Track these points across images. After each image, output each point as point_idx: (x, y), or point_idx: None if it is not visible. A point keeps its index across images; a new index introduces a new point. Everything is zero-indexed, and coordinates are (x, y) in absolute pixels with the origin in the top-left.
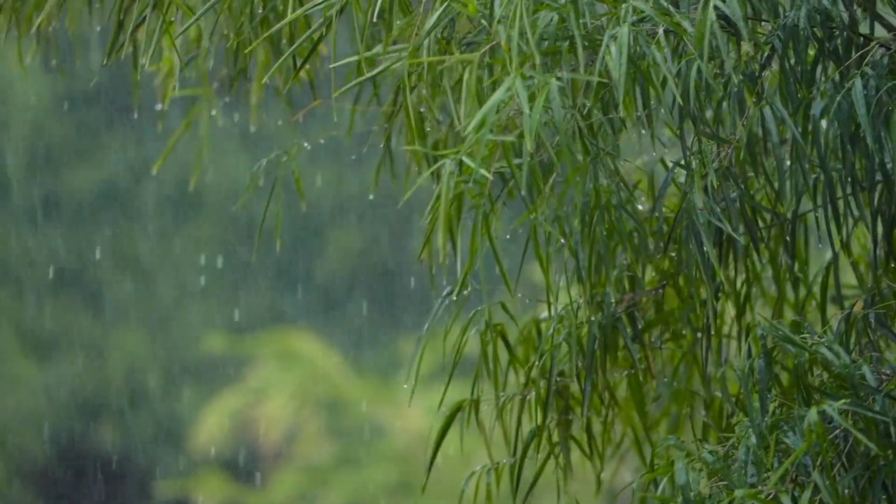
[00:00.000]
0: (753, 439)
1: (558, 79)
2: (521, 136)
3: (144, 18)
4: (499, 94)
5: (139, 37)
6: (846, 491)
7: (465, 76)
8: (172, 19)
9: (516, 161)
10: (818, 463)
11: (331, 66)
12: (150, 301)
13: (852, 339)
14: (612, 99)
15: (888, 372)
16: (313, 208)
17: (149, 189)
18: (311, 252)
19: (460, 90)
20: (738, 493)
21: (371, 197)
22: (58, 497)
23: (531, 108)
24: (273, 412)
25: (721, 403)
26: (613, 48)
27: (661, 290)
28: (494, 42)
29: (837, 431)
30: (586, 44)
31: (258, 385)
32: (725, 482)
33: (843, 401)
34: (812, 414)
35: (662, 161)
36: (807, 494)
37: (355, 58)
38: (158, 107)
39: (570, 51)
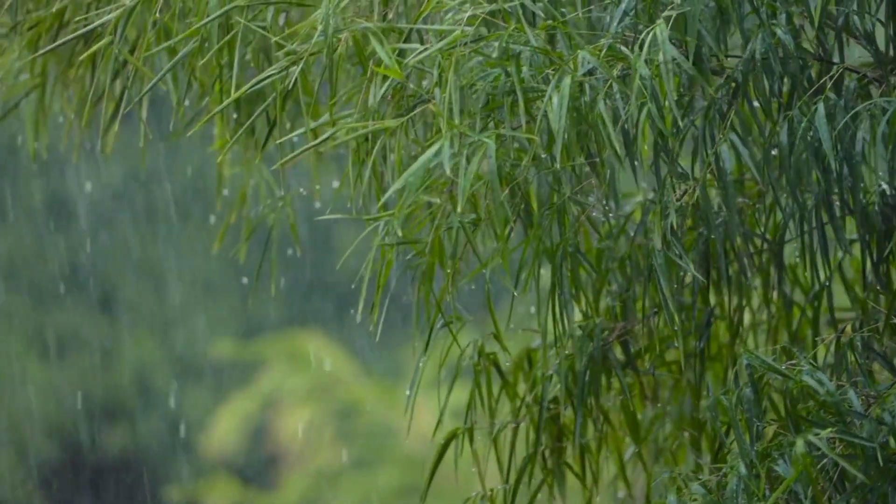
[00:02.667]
0: (743, 469)
1: (501, 135)
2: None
3: (117, 75)
4: (426, 157)
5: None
6: None
7: (387, 142)
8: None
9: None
10: (808, 493)
11: (276, 142)
12: (161, 303)
13: (842, 363)
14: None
15: (875, 394)
16: (324, 210)
17: (159, 192)
18: (321, 254)
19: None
20: None
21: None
22: (68, 500)
23: (467, 169)
24: (283, 415)
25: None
26: (555, 99)
27: (652, 318)
28: (425, 106)
29: (826, 460)
30: (535, 94)
31: (268, 388)
32: None
33: (829, 430)
34: (799, 445)
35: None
36: None
37: (301, 131)
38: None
39: (514, 107)
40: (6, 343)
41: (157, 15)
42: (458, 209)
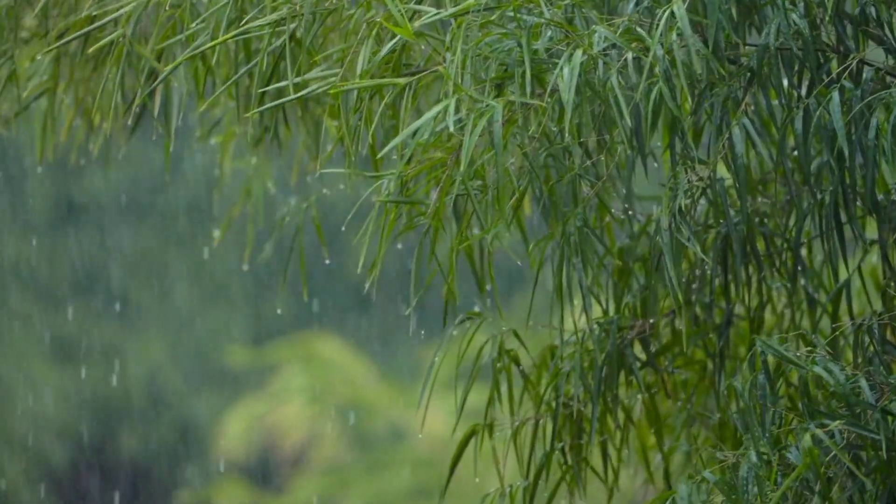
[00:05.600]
0: (754, 456)
1: (511, 103)
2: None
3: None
4: (430, 114)
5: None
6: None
7: (384, 100)
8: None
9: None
10: (817, 487)
11: (260, 90)
12: (172, 306)
13: (858, 353)
14: (589, 121)
15: (893, 382)
16: (336, 212)
17: (170, 195)
18: (334, 256)
19: (393, 115)
20: None
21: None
22: (79, 503)
23: (473, 131)
24: (295, 417)
25: (734, 427)
26: (566, 70)
27: (673, 315)
28: (435, 68)
29: (840, 448)
30: (548, 66)
31: (280, 390)
32: (724, 500)
33: (838, 422)
34: (806, 439)
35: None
36: None
37: (284, 83)
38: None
39: (524, 77)
40: (16, 346)
41: (170, 9)
42: (461, 168)
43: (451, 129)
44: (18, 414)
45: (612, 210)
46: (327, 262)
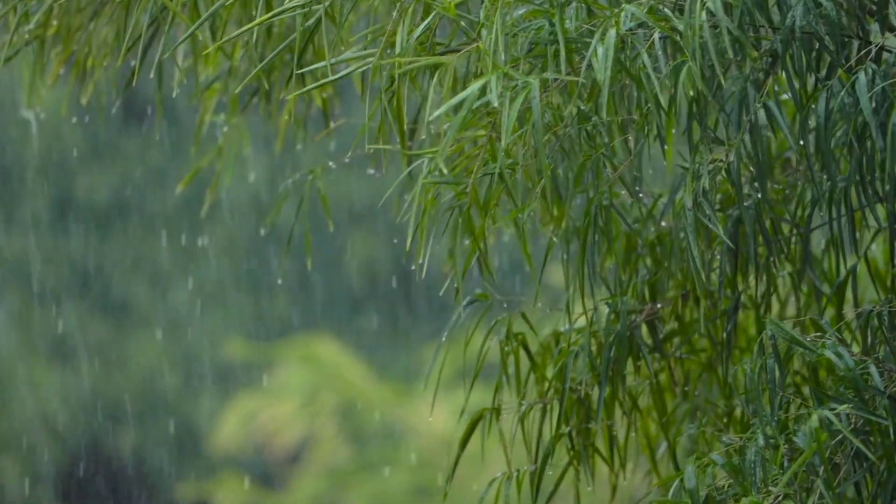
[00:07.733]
0: (761, 440)
1: (545, 80)
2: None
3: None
4: (470, 91)
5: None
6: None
7: (434, 80)
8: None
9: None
10: (821, 472)
11: (297, 71)
12: (170, 306)
13: (868, 339)
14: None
15: None
16: (335, 213)
17: (168, 194)
18: (332, 257)
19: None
20: (743, 501)
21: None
22: (76, 502)
23: (511, 107)
24: (293, 416)
25: (742, 414)
26: (600, 50)
27: (681, 300)
28: (473, 46)
29: (843, 435)
30: (578, 45)
31: (278, 389)
32: (731, 483)
33: (845, 406)
34: (813, 420)
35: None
36: (812, 499)
37: (322, 63)
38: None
39: (556, 56)
40: (14, 346)
41: None
42: (503, 144)
43: (495, 103)
44: (14, 413)
45: (625, 192)
46: (331, 229)
